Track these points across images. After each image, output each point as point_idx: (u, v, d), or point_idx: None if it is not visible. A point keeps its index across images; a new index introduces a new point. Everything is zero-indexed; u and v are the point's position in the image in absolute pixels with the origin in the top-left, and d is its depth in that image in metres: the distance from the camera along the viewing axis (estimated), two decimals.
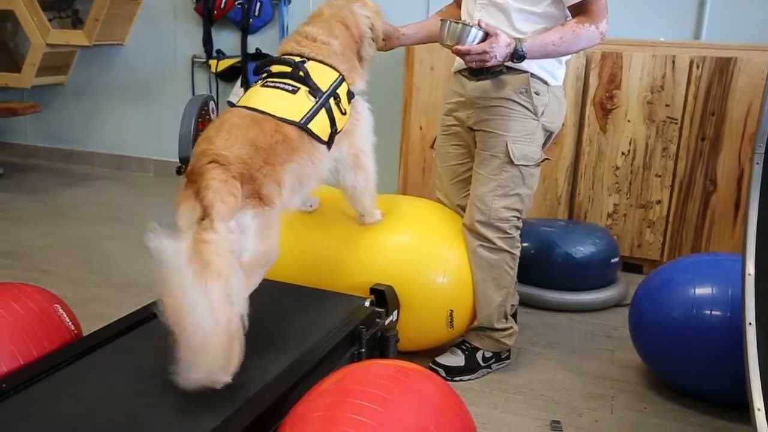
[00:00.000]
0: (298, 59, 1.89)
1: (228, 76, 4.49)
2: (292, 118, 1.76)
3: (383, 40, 2.19)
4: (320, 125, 1.82)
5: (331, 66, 1.92)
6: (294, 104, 1.79)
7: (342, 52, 1.97)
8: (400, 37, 2.29)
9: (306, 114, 1.79)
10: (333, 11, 2.01)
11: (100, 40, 4.49)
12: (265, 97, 1.80)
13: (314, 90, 1.83)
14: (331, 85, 1.88)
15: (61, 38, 4.47)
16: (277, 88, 1.82)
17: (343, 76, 1.93)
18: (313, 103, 1.82)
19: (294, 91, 1.81)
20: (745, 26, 3.38)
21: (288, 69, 1.86)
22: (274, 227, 1.68)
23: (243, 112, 1.73)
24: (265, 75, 1.91)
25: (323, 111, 1.83)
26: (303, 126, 1.77)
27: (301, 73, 1.84)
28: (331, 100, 1.87)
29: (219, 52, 4.49)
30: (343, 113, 1.91)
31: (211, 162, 1.58)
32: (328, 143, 1.87)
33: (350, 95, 1.95)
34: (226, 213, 1.52)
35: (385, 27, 2.18)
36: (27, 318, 1.66)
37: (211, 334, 1.38)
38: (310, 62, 1.89)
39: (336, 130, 1.88)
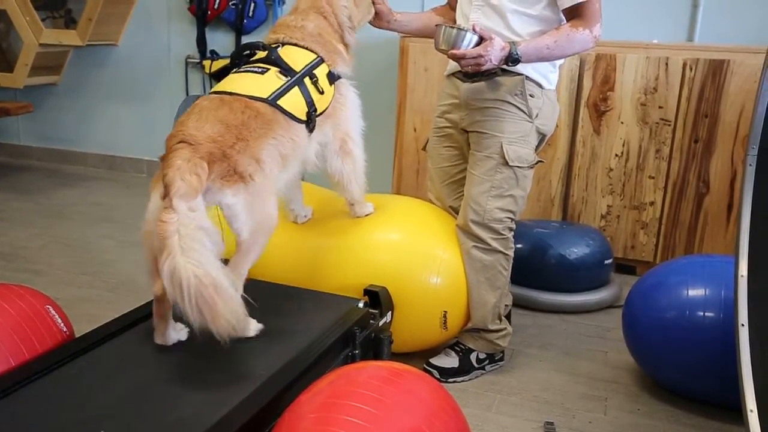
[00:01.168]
0: (273, 45, 1.93)
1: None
2: (259, 95, 1.78)
3: (375, 16, 2.22)
4: (293, 103, 1.84)
5: (306, 48, 1.95)
6: (262, 83, 1.82)
7: (318, 34, 2.00)
8: (391, 21, 2.29)
9: (274, 91, 1.81)
10: (310, 2, 2.05)
11: (93, 40, 4.46)
12: (234, 81, 1.85)
13: (285, 70, 1.87)
14: (306, 66, 1.91)
15: (53, 38, 4.44)
16: (248, 72, 1.87)
17: (321, 57, 1.96)
18: (284, 82, 1.84)
19: (263, 72, 1.85)
20: (739, 28, 3.39)
21: (263, 54, 1.90)
22: (266, 199, 1.70)
23: (212, 96, 1.77)
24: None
25: (296, 89, 1.86)
26: (272, 102, 1.79)
27: (272, 57, 1.88)
28: (307, 80, 1.89)
29: (213, 52, 4.48)
30: (321, 92, 1.92)
31: (179, 142, 1.60)
32: (307, 123, 1.88)
33: (332, 77, 1.97)
34: (187, 191, 1.52)
35: (380, 6, 2.21)
36: (18, 319, 1.65)
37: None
38: (285, 46, 1.94)
39: (315, 109, 1.90)
